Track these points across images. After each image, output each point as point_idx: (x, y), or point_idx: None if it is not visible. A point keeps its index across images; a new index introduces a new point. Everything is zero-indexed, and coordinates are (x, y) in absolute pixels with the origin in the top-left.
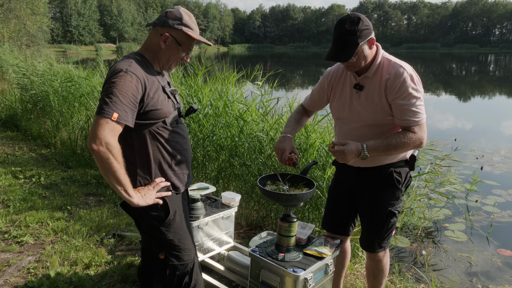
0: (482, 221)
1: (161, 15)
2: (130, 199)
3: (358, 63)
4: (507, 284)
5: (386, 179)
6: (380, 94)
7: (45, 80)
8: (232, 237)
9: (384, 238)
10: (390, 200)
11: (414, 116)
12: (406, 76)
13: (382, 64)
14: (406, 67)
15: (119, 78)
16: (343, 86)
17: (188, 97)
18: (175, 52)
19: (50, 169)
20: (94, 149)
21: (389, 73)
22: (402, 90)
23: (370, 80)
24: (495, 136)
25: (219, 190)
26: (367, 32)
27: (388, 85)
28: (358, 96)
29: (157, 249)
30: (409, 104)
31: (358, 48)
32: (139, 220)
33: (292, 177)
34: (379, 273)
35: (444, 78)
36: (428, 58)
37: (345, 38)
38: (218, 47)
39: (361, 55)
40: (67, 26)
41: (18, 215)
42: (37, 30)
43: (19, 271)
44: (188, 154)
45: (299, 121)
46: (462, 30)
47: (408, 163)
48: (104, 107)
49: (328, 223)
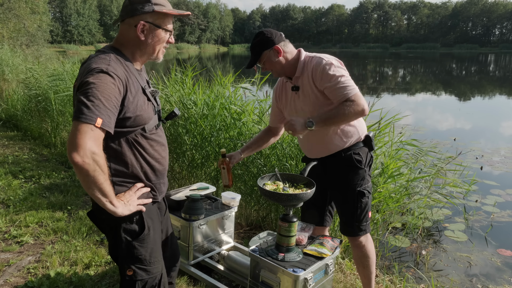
0: (482, 221)
1: (125, 4)
2: (115, 210)
3: (273, 68)
4: (507, 284)
5: (348, 162)
6: (312, 87)
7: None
8: (232, 237)
9: (361, 220)
10: (357, 181)
11: (345, 90)
12: (325, 63)
13: (305, 62)
14: (325, 57)
15: (100, 79)
16: (286, 93)
17: (182, 98)
18: (158, 37)
19: (50, 169)
20: (78, 161)
21: (311, 65)
22: (325, 75)
23: (301, 79)
24: (495, 136)
25: (219, 190)
26: (269, 42)
27: (313, 76)
28: (297, 96)
29: (125, 264)
30: (336, 83)
31: (262, 56)
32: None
33: (292, 177)
34: (366, 259)
35: (444, 78)
36: (428, 58)
37: (252, 49)
38: (218, 47)
39: (268, 61)
40: (66, 26)
41: (18, 215)
42: (37, 30)
43: (19, 271)
44: (166, 162)
45: (258, 139)
46: (462, 30)
47: (366, 144)
48: (85, 112)
49: (305, 216)
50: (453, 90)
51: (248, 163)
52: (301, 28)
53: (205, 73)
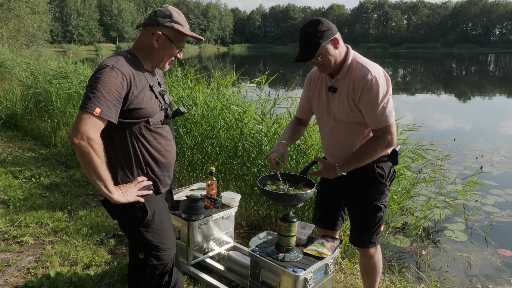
0: (482, 221)
1: (151, 15)
2: (110, 195)
3: (327, 63)
4: (507, 284)
5: (370, 175)
6: (349, 96)
7: (51, 79)
8: (232, 237)
9: (373, 233)
10: (375, 195)
11: (380, 120)
12: (370, 79)
13: (351, 66)
14: (372, 69)
15: (104, 74)
16: (320, 88)
17: (182, 98)
18: (168, 50)
19: (50, 169)
20: (75, 143)
21: (356, 75)
22: (366, 93)
23: (341, 83)
24: (495, 136)
25: (219, 190)
26: (328, 33)
27: (354, 87)
28: (333, 98)
29: (137, 248)
30: (371, 110)
31: (320, 48)
32: (118, 219)
33: (292, 177)
34: (372, 270)
35: (444, 78)
36: (428, 58)
37: (308, 40)
38: (218, 47)
39: (326, 55)
40: (66, 26)
41: (18, 215)
42: (37, 30)
43: (19, 271)
44: (171, 156)
45: (294, 130)
46: (462, 30)
47: (391, 158)
48: (87, 102)
49: (317, 218)
50: (453, 90)
51: (248, 163)
52: (301, 28)
53: (205, 72)
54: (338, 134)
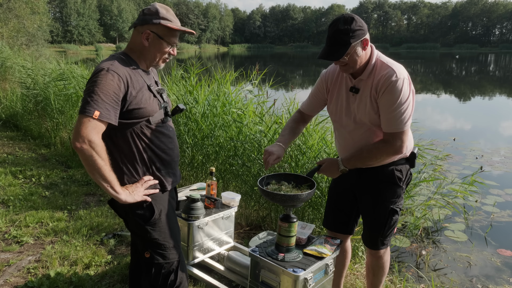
0: (482, 221)
1: (139, 14)
2: (117, 196)
3: (352, 63)
4: (507, 284)
5: (387, 177)
6: (372, 96)
7: (50, 81)
8: (232, 237)
9: (387, 235)
10: (392, 198)
11: (390, 124)
12: (395, 80)
13: (375, 66)
14: (397, 70)
15: (100, 77)
16: (339, 89)
17: (183, 96)
18: (159, 47)
19: (50, 169)
20: (78, 147)
21: (380, 76)
22: (389, 94)
23: (364, 83)
24: (495, 136)
25: (219, 190)
26: (360, 32)
27: (378, 87)
28: (354, 99)
29: (143, 247)
30: (387, 110)
31: (350, 48)
32: (126, 219)
33: (297, 178)
34: (379, 270)
35: (444, 78)
36: (428, 58)
37: (338, 37)
38: (218, 47)
39: (353, 55)
40: (66, 26)
41: (18, 215)
42: (36, 30)
43: (19, 271)
44: (174, 154)
45: (294, 130)
46: (462, 30)
47: (409, 161)
48: (85, 106)
49: (329, 221)
50: (453, 90)
51: (248, 163)
52: (301, 28)
53: (206, 72)
54: (357, 136)
